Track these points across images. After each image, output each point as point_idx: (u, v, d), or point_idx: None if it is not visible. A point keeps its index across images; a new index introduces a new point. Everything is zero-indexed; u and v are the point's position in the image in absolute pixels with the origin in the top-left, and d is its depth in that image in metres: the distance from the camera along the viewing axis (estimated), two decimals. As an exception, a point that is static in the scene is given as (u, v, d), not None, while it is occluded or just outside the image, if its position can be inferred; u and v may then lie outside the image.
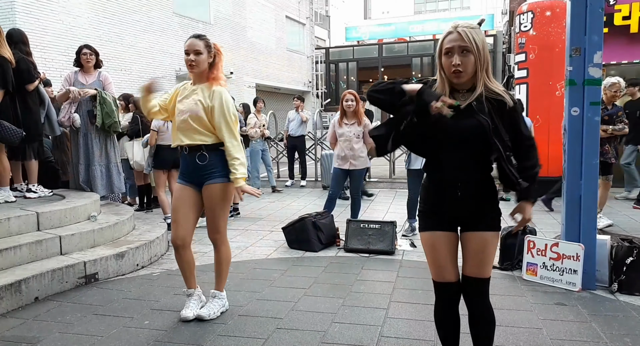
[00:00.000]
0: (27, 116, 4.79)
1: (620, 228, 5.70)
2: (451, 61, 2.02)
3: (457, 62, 2.01)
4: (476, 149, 2.08)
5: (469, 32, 2.02)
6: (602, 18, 3.74)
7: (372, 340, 2.91)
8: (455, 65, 2.01)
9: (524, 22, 8.11)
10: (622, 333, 2.99)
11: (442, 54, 2.08)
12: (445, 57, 2.06)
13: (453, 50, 2.03)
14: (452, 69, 2.02)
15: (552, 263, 3.85)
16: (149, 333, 3.05)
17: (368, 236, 4.97)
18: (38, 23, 11.82)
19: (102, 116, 5.37)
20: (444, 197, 2.17)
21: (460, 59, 2.01)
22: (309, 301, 3.57)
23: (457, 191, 2.12)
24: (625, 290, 3.66)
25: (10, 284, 3.43)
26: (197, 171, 3.17)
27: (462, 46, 2.01)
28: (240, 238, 5.60)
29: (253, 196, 3.19)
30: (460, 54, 2.02)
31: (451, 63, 2.02)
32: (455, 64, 2.01)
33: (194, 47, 3.10)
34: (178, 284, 3.98)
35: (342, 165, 5.56)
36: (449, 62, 2.04)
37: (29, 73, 4.76)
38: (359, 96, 5.71)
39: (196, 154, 3.14)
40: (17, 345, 2.89)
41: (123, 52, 14.45)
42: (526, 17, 8.07)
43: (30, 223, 4.21)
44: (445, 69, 2.07)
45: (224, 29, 19.75)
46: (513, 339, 2.91)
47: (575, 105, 3.76)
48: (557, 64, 7.62)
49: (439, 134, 2.09)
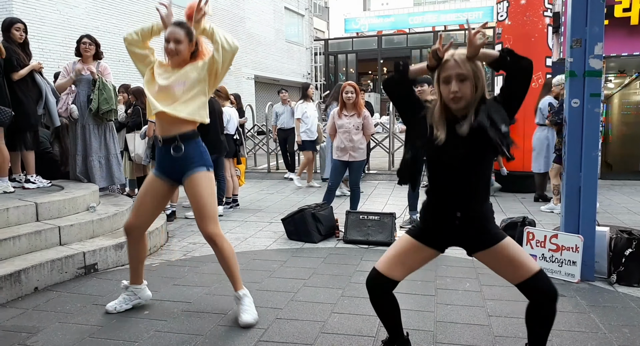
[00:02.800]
0: (17, 106, 4.78)
1: (619, 221, 5.72)
2: (449, 88, 2.11)
3: (455, 88, 2.09)
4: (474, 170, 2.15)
5: (465, 60, 2.10)
6: (603, 9, 3.72)
7: (372, 330, 2.92)
8: (454, 92, 2.09)
9: (500, 12, 7.98)
10: (620, 323, 3.01)
11: (440, 82, 2.16)
12: (444, 84, 2.14)
13: (451, 78, 2.11)
14: (451, 95, 2.11)
15: (551, 255, 3.86)
16: (149, 322, 3.05)
17: (367, 228, 4.98)
18: (35, 13, 11.74)
19: (98, 101, 5.31)
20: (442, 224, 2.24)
21: (458, 86, 2.09)
22: (308, 292, 3.58)
23: (455, 220, 2.20)
24: (624, 281, 3.67)
25: (9, 274, 3.43)
26: (173, 164, 2.99)
27: (460, 74, 2.10)
28: (239, 230, 5.60)
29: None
30: (458, 81, 2.10)
31: (449, 90, 2.11)
32: (453, 91, 2.10)
33: (174, 35, 2.94)
34: (178, 275, 3.99)
35: (342, 157, 5.56)
36: (447, 90, 2.12)
37: (10, 62, 4.75)
38: (359, 87, 5.70)
39: (170, 146, 2.96)
40: (17, 334, 2.90)
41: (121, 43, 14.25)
42: (502, 6, 7.95)
43: (29, 214, 4.21)
44: (444, 96, 2.16)
45: (222, 20, 19.64)
46: (512, 330, 2.92)
47: (576, 96, 3.75)
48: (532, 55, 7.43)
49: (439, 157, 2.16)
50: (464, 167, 2.14)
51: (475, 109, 2.10)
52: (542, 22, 7.65)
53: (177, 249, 4.77)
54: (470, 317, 3.11)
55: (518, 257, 2.19)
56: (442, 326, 2.98)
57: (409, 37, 30.70)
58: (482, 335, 2.86)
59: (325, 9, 37.01)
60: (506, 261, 2.20)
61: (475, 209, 2.20)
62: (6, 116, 4.56)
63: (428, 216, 2.31)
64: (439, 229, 2.27)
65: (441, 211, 2.24)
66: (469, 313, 3.17)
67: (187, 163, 2.98)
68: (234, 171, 6.96)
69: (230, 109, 6.77)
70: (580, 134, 3.75)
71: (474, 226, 2.22)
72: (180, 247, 4.86)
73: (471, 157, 2.12)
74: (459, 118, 2.14)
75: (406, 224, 5.62)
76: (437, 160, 2.19)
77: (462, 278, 3.85)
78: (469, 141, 2.09)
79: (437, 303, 3.34)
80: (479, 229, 2.22)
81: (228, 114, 6.57)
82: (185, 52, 2.99)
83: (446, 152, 2.12)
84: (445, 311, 3.20)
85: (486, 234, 2.21)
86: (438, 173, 2.22)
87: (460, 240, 2.27)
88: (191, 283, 3.78)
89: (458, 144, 2.10)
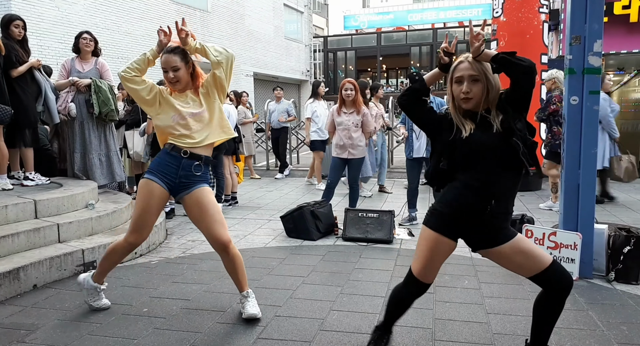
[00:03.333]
0: (15, 104, 4.78)
1: (618, 218, 5.72)
2: (461, 88, 2.20)
3: (466, 89, 2.19)
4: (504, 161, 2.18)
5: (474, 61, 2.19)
6: (603, 6, 3.72)
7: (370, 328, 2.91)
8: (465, 92, 2.19)
9: (495, 8, 7.96)
10: (618, 321, 3.01)
11: (452, 82, 2.25)
12: (456, 84, 2.24)
13: (463, 79, 2.21)
14: (462, 95, 2.20)
15: (549, 252, 3.86)
16: (148, 320, 3.06)
17: (366, 225, 4.98)
18: (34, 9, 11.71)
19: (98, 105, 5.33)
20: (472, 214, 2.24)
21: (470, 86, 2.19)
22: (307, 290, 3.58)
23: (487, 208, 2.20)
24: (622, 279, 3.68)
25: (8, 271, 3.43)
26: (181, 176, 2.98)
27: (472, 75, 2.19)
28: (238, 227, 5.60)
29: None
30: (469, 82, 2.19)
31: (461, 90, 2.20)
32: (464, 91, 2.19)
33: (171, 63, 2.92)
34: (177, 272, 3.99)
35: (341, 154, 5.55)
36: (459, 90, 2.21)
37: (9, 59, 4.75)
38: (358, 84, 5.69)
39: (194, 162, 2.98)
40: (15, 331, 2.90)
41: (120, 40, 14.35)
42: (497, 3, 7.92)
43: (28, 211, 4.20)
44: (455, 95, 2.24)
45: (221, 17, 19.61)
46: (511, 327, 2.93)
47: (575, 94, 3.75)
48: (528, 51, 7.41)
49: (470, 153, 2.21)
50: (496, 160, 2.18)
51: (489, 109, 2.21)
52: (538, 19, 7.64)
53: (176, 247, 4.77)
54: (468, 315, 3.11)
55: (532, 250, 2.24)
56: (441, 324, 2.98)
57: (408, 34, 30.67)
58: (481, 333, 2.86)
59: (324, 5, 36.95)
60: (521, 255, 2.24)
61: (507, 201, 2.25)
62: (6, 115, 4.55)
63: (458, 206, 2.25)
64: (466, 219, 2.25)
65: (475, 202, 2.21)
66: (468, 311, 3.17)
67: (195, 180, 3.01)
68: (232, 169, 6.95)
69: (229, 107, 6.76)
70: (579, 131, 3.74)
71: (500, 218, 2.24)
72: (179, 245, 4.86)
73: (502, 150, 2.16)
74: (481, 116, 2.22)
75: (405, 222, 5.62)
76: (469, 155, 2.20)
77: (461, 275, 3.86)
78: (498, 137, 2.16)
79: (436, 301, 3.34)
80: (504, 222, 2.27)
81: (227, 111, 6.56)
82: (186, 77, 3.00)
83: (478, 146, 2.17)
84: (443, 309, 3.21)
85: (505, 229, 2.27)
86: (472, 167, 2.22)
87: (481, 232, 2.27)
88: (190, 281, 3.78)
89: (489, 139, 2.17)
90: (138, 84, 2.98)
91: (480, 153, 2.18)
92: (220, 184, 6.47)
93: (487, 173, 2.19)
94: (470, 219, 2.25)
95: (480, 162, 2.20)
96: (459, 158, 2.23)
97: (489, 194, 2.19)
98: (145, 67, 3.01)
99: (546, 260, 2.22)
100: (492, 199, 2.19)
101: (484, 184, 2.20)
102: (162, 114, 3.00)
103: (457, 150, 2.21)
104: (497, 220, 2.24)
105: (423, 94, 2.32)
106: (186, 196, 3.00)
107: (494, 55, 2.14)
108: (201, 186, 3.02)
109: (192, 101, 3.03)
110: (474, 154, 2.20)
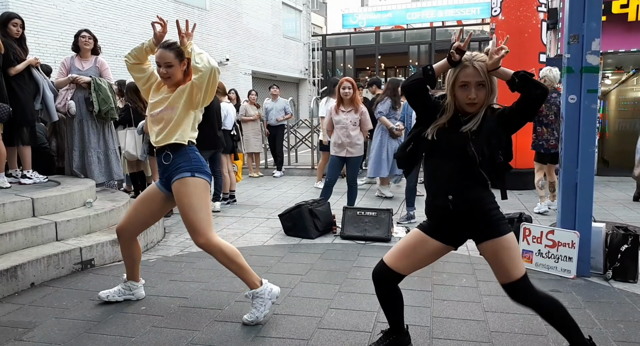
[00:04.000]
0: (14, 102, 4.76)
1: (616, 217, 5.74)
2: (467, 93, 2.20)
3: (473, 96, 2.20)
4: (464, 160, 2.21)
5: (484, 67, 2.20)
6: (601, 5, 3.72)
7: (368, 326, 2.93)
8: (472, 98, 2.20)
9: (494, 7, 7.96)
10: (615, 319, 3.02)
11: (456, 85, 2.24)
12: (461, 89, 2.23)
13: (470, 85, 2.21)
14: (468, 101, 2.21)
15: (547, 251, 3.87)
16: (146, 318, 3.05)
17: (364, 224, 4.98)
18: (31, 7, 11.66)
19: (98, 103, 5.33)
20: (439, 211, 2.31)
21: (476, 93, 2.20)
22: (305, 288, 3.58)
23: (448, 203, 2.24)
24: (619, 277, 3.69)
25: (5, 269, 3.42)
26: (166, 171, 3.02)
27: (480, 82, 2.20)
28: (236, 225, 5.60)
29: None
30: (476, 88, 2.20)
31: (467, 96, 2.20)
32: (471, 98, 2.20)
33: (165, 59, 2.91)
34: (174, 270, 3.99)
35: (339, 152, 5.55)
36: (464, 95, 2.21)
37: (7, 57, 4.73)
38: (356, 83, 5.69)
39: (162, 155, 3.01)
40: (13, 330, 2.90)
41: (118, 38, 14.31)
42: (496, 1, 7.91)
43: (26, 209, 4.20)
44: (459, 99, 2.24)
45: (219, 15, 19.56)
46: (508, 325, 2.93)
47: (573, 93, 3.75)
48: (526, 50, 7.42)
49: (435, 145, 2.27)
50: (459, 152, 2.22)
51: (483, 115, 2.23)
52: (536, 18, 7.63)
53: (174, 245, 4.77)
54: (466, 313, 3.12)
55: (506, 259, 2.22)
56: (439, 322, 2.98)
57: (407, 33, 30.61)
58: (478, 331, 2.87)
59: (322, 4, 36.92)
60: (497, 260, 2.25)
61: (467, 194, 2.24)
62: (4, 113, 4.54)
63: (428, 206, 2.38)
64: (438, 217, 2.33)
65: (437, 197, 2.30)
66: (466, 309, 3.18)
67: (173, 171, 2.98)
68: (230, 167, 6.95)
69: (227, 105, 6.76)
70: (577, 130, 3.75)
71: (468, 212, 2.25)
72: (177, 243, 4.86)
73: (463, 151, 2.21)
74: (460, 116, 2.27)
75: (403, 220, 5.62)
76: (436, 145, 2.26)
77: (459, 273, 3.86)
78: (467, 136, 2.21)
79: (434, 299, 3.34)
80: (475, 216, 2.25)
81: (225, 109, 6.56)
82: (178, 74, 2.99)
83: (446, 138, 2.23)
84: (441, 307, 3.21)
85: (485, 224, 2.24)
86: (436, 158, 2.30)
87: (461, 229, 2.31)
88: (188, 279, 3.78)
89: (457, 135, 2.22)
90: (137, 71, 3.10)
91: (441, 148, 2.25)
92: (219, 182, 6.46)
93: (444, 172, 2.26)
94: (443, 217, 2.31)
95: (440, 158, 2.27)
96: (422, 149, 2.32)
97: (445, 192, 2.25)
98: (142, 56, 3.06)
99: (513, 276, 2.23)
100: (448, 195, 2.24)
101: (441, 179, 2.28)
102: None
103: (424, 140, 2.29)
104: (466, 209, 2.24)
105: (430, 84, 2.33)
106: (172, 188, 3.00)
107: (516, 72, 2.15)
108: (180, 176, 2.93)
109: (165, 95, 3.01)
110: (434, 148, 2.27)
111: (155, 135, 3.03)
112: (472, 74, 2.20)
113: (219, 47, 18.85)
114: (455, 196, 2.23)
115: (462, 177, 2.23)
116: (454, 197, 2.23)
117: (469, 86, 2.20)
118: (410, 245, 2.37)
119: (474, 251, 4.11)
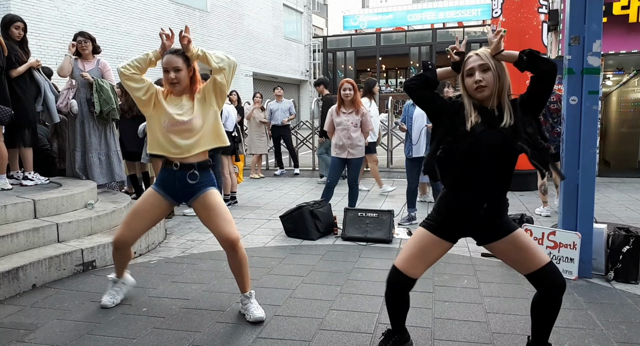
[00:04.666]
0: (15, 103, 4.77)
1: (617, 218, 5.73)
2: (473, 79, 2.20)
3: (478, 77, 2.19)
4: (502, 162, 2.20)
5: (487, 53, 2.22)
6: (602, 6, 3.72)
7: (370, 327, 2.93)
8: (477, 81, 2.19)
9: (495, 8, 7.96)
10: (617, 320, 3.02)
11: (464, 76, 2.25)
12: (468, 77, 2.24)
13: (474, 70, 2.22)
14: (475, 85, 2.20)
15: (548, 252, 3.86)
16: (147, 319, 3.06)
17: (365, 225, 4.98)
18: (33, 9, 11.70)
19: (100, 104, 5.34)
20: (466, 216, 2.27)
21: (481, 75, 2.19)
22: (306, 289, 3.58)
23: (480, 211, 2.23)
24: (621, 278, 3.69)
25: (7, 271, 3.42)
26: (183, 187, 3.02)
27: (482, 64, 2.20)
28: (237, 227, 5.54)
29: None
30: (480, 72, 2.20)
31: (473, 81, 2.20)
32: (477, 80, 2.19)
33: (173, 64, 2.91)
34: (176, 272, 3.99)
35: (340, 154, 5.56)
36: (471, 81, 2.22)
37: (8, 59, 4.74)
38: (357, 85, 5.69)
39: (187, 173, 2.98)
40: (15, 331, 2.90)
41: (119, 40, 14.35)
42: (497, 3, 7.91)
43: (27, 211, 4.20)
44: (468, 88, 2.24)
45: (220, 17, 19.61)
46: (510, 326, 2.93)
47: (574, 94, 3.75)
48: None
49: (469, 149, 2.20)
50: (495, 158, 2.19)
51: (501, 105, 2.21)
52: (537, 19, 7.64)
53: (175, 247, 4.77)
54: (468, 314, 3.12)
55: (530, 247, 2.25)
56: (440, 323, 2.98)
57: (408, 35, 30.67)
58: (480, 332, 2.86)
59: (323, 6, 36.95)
60: (518, 251, 2.26)
61: (500, 202, 2.27)
62: (6, 116, 4.55)
63: (450, 209, 2.31)
64: (461, 221, 2.30)
65: (467, 203, 2.26)
66: (467, 310, 3.18)
67: (198, 186, 3.02)
68: (232, 168, 6.95)
69: (228, 106, 6.76)
70: (578, 131, 3.75)
71: (495, 217, 2.27)
72: (178, 244, 4.86)
73: (504, 149, 2.18)
74: (490, 110, 2.21)
75: (404, 222, 5.62)
76: (469, 151, 2.20)
77: (460, 275, 3.86)
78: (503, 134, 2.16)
79: (435, 300, 3.34)
80: (498, 219, 2.28)
81: (226, 111, 6.56)
82: (186, 79, 2.99)
83: (480, 143, 2.17)
84: (443, 308, 3.21)
85: (502, 224, 2.28)
86: (468, 164, 2.22)
87: (478, 231, 2.31)
88: (189, 280, 3.78)
89: (493, 135, 2.17)
90: (136, 82, 2.99)
91: (481, 148, 2.18)
92: (219, 183, 6.46)
93: (479, 174, 2.21)
94: (465, 221, 2.29)
95: (478, 159, 2.19)
96: (457, 150, 2.21)
97: (480, 199, 2.23)
98: (145, 67, 3.02)
99: (543, 260, 2.24)
100: (483, 203, 2.23)
101: (476, 187, 2.23)
102: (154, 116, 3.03)
103: (458, 141, 2.20)
104: (495, 215, 2.26)
105: (431, 84, 2.32)
106: (194, 202, 3.05)
107: (522, 50, 2.16)
108: (206, 190, 3.02)
109: (186, 106, 3.00)
110: (473, 148, 2.18)
111: (181, 148, 2.96)
112: (473, 60, 2.24)
113: (219, 48, 18.85)
114: (490, 203, 2.22)
115: (498, 179, 2.22)
116: (489, 204, 2.22)
117: (473, 71, 2.22)
118: (422, 248, 2.33)
119: (475, 252, 4.12)
